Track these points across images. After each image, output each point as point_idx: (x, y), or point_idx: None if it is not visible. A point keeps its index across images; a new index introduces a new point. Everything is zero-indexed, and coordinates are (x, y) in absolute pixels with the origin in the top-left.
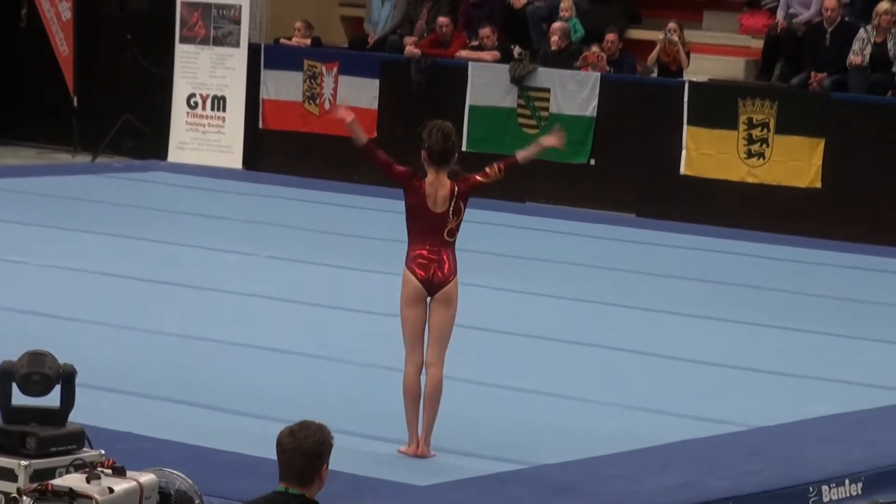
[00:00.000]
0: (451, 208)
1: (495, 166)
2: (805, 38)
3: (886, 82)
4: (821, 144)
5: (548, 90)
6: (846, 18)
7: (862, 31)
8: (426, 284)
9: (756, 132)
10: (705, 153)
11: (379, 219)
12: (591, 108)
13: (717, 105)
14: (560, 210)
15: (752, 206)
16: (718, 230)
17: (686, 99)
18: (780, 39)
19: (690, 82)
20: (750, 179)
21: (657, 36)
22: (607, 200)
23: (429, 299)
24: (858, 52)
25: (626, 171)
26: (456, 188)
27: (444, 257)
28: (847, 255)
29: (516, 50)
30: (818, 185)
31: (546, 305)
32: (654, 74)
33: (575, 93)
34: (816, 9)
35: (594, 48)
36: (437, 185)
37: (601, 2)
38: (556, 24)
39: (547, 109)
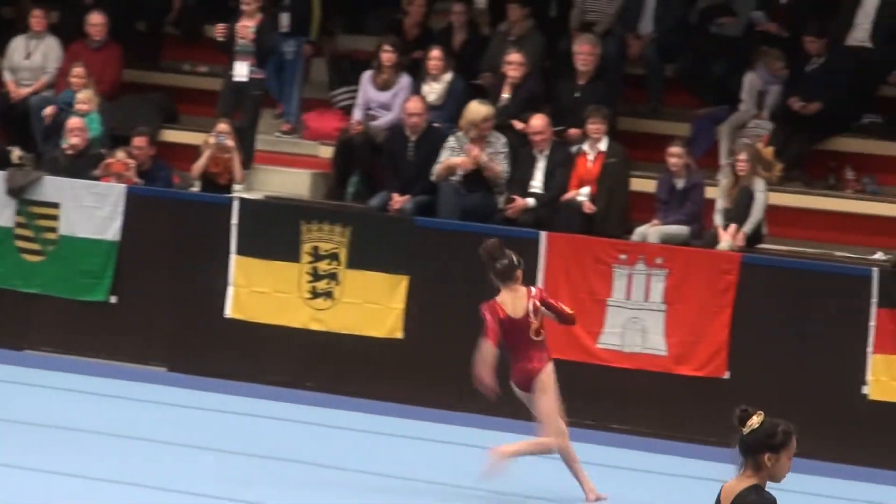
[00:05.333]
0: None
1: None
2: (385, 147)
3: (483, 204)
4: (403, 283)
5: (56, 205)
6: (435, 124)
7: (452, 138)
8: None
9: (324, 265)
10: (258, 291)
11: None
12: (113, 230)
13: (274, 230)
14: (70, 362)
15: (317, 360)
16: (273, 390)
17: (235, 221)
18: (355, 148)
19: (242, 200)
20: (314, 326)
21: (202, 139)
22: (133, 350)
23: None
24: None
25: (156, 312)
26: (532, 292)
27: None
28: (439, 427)
29: (16, 153)
30: (399, 334)
31: (59, 488)
32: (196, 188)
33: (93, 209)
34: (398, 111)
35: (119, 153)
36: (513, 296)
37: (130, 93)
38: (73, 121)
39: (55, 230)
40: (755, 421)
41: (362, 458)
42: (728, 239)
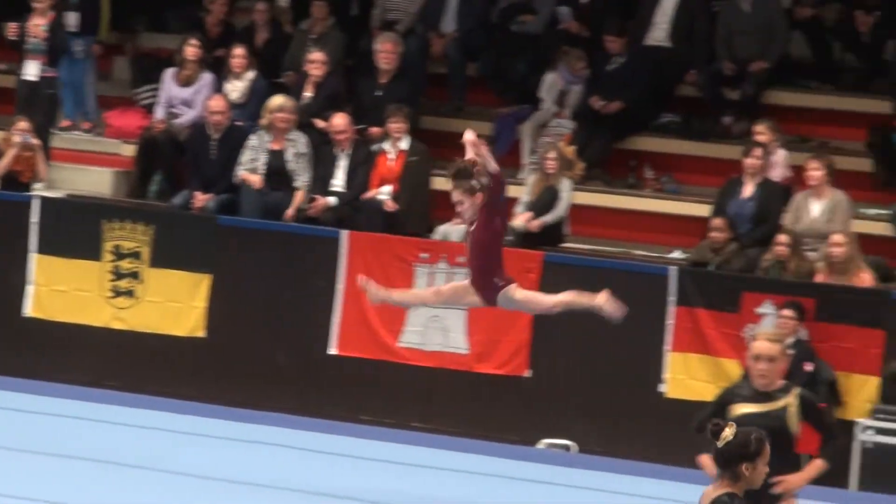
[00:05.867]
0: None
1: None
2: (187, 146)
3: (285, 202)
4: (206, 281)
5: None
6: (237, 122)
7: (254, 137)
8: None
9: (125, 264)
10: (59, 290)
11: None
12: None
13: (75, 228)
14: None
15: (119, 359)
16: (75, 390)
17: (36, 219)
18: (158, 146)
19: (42, 198)
20: (116, 325)
21: (0, 137)
22: None
23: None
24: (249, 164)
25: None
26: None
27: None
28: (242, 426)
29: None
30: (201, 333)
31: None
32: None
33: None
34: (201, 108)
35: None
36: None
37: None
38: None
39: None
40: (728, 433)
41: (164, 458)
42: (522, 221)
